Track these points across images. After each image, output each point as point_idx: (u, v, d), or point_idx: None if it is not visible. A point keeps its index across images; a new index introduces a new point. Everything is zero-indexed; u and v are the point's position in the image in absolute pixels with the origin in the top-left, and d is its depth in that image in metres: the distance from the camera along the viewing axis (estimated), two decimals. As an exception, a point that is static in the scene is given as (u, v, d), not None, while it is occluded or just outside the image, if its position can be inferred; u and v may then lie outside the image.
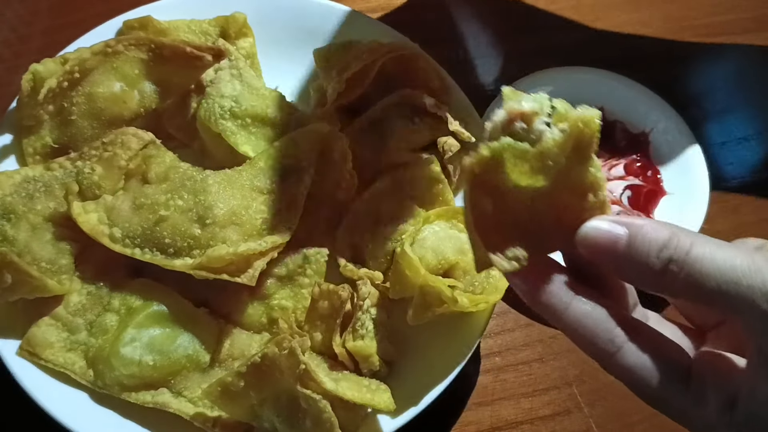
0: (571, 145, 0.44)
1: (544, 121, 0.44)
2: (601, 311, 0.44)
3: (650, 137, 0.91)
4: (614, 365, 0.44)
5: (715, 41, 1.03)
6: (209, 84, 0.76)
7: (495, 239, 0.45)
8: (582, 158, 0.45)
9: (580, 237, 0.45)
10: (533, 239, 0.45)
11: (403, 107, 0.79)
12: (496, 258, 0.45)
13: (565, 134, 0.43)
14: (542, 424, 0.76)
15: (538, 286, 0.45)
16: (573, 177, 0.45)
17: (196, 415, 0.65)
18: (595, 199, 0.46)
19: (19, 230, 0.67)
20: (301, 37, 0.87)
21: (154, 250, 0.67)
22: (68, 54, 0.76)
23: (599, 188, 0.45)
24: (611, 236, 0.44)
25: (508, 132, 0.44)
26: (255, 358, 0.60)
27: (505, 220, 0.45)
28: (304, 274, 0.72)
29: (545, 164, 0.44)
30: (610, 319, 0.44)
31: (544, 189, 0.45)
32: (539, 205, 0.45)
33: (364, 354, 0.67)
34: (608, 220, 0.44)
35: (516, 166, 0.44)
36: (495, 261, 0.45)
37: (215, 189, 0.69)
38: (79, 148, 0.74)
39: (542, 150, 0.43)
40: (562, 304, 0.45)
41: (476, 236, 0.45)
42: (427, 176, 0.75)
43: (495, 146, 0.43)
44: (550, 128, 0.44)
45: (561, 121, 0.44)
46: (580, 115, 0.43)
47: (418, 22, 1.02)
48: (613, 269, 0.45)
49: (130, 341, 0.65)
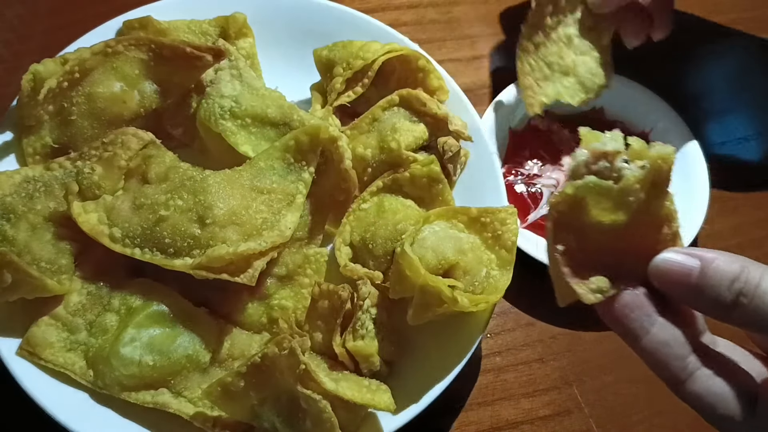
0: (650, 180, 0.47)
1: (623, 159, 0.47)
2: (676, 339, 0.48)
3: (650, 137, 0.91)
4: (684, 391, 0.47)
5: (715, 41, 1.03)
6: (209, 84, 0.76)
7: (578, 272, 0.48)
8: (659, 192, 0.48)
9: (654, 268, 0.48)
10: (613, 270, 0.49)
11: (402, 107, 0.80)
12: (582, 291, 0.48)
13: (646, 170, 0.47)
14: (542, 424, 0.76)
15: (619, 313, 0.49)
16: (650, 210, 0.48)
17: (196, 415, 0.65)
18: (668, 231, 0.49)
19: (19, 230, 0.67)
20: (301, 37, 0.87)
21: (154, 250, 0.67)
22: (68, 54, 0.76)
23: (673, 220, 0.49)
24: (684, 268, 0.47)
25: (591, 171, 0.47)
26: (255, 358, 0.60)
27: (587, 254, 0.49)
28: (304, 274, 0.72)
29: (626, 200, 0.47)
30: (684, 346, 0.47)
31: (623, 223, 0.48)
32: (618, 239, 0.49)
33: (364, 354, 0.67)
34: (681, 252, 0.48)
35: (598, 202, 0.47)
36: (580, 293, 0.48)
37: (215, 189, 0.69)
38: (79, 148, 0.74)
39: (624, 186, 0.47)
40: (642, 330, 0.48)
41: (561, 270, 0.48)
42: (427, 176, 0.75)
43: (579, 185, 0.47)
44: (629, 165, 0.47)
45: (637, 158, 0.47)
46: (658, 152, 0.47)
47: (418, 22, 1.02)
48: (684, 300, 0.48)
49: (130, 341, 0.65)
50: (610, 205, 0.47)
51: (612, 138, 0.47)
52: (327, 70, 0.82)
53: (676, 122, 0.90)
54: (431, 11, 1.04)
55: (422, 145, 0.79)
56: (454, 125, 0.77)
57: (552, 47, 0.82)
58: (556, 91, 0.83)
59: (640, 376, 0.79)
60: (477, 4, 1.05)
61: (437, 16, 1.03)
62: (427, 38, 1.00)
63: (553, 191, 0.86)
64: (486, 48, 1.01)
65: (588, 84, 0.83)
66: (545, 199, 0.86)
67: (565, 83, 0.83)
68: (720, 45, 1.04)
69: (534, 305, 0.82)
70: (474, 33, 1.02)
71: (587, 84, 0.82)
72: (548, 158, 0.89)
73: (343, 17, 0.88)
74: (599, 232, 0.48)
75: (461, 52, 1.00)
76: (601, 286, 0.48)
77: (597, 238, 0.49)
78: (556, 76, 0.83)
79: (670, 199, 0.49)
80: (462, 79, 0.94)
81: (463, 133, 0.78)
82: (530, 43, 0.81)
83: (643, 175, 0.47)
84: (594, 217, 0.48)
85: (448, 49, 1.00)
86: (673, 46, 0.88)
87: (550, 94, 0.83)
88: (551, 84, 0.83)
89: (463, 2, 1.05)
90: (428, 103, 0.78)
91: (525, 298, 0.82)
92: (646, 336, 0.48)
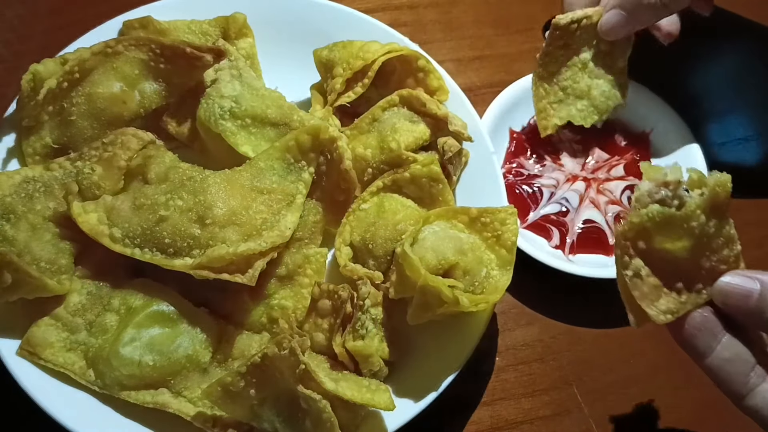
0: (710, 206, 0.51)
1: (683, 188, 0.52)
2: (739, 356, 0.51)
3: (650, 137, 0.91)
4: (743, 405, 0.51)
5: (715, 41, 1.03)
6: (209, 84, 0.76)
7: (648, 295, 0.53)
8: (719, 217, 0.52)
9: (716, 291, 0.52)
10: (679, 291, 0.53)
11: (402, 107, 0.80)
12: (653, 312, 0.52)
13: (705, 197, 0.51)
14: (542, 424, 0.76)
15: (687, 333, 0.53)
16: (711, 234, 0.52)
17: (196, 415, 0.65)
18: (729, 253, 0.53)
19: (19, 230, 0.67)
20: (301, 37, 0.87)
21: (154, 250, 0.67)
22: (68, 54, 0.76)
23: (734, 243, 0.53)
24: (744, 290, 0.50)
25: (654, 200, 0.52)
26: (255, 358, 0.60)
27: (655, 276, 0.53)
28: (304, 274, 0.72)
29: (688, 225, 0.51)
30: (746, 362, 0.51)
31: (687, 247, 0.52)
32: (682, 262, 0.53)
33: (364, 354, 0.67)
34: (742, 275, 0.51)
35: (662, 229, 0.52)
36: (651, 315, 0.52)
37: (215, 189, 0.69)
38: (79, 148, 0.74)
39: (686, 212, 0.51)
40: (708, 349, 0.52)
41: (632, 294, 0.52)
42: (427, 176, 0.75)
43: (645, 213, 0.51)
44: (689, 193, 0.52)
45: (696, 186, 0.52)
46: (716, 180, 0.51)
47: (418, 22, 1.02)
48: (746, 321, 0.51)
49: (129, 341, 0.65)
50: (674, 231, 0.52)
51: (672, 170, 0.52)
52: (327, 71, 0.82)
53: (676, 123, 0.90)
54: (431, 11, 1.04)
55: (422, 145, 0.79)
56: (454, 125, 0.77)
57: (566, 72, 0.84)
58: (569, 113, 0.85)
59: (640, 376, 0.79)
60: (477, 4, 1.05)
61: (437, 16, 1.03)
62: (427, 38, 1.00)
63: (553, 191, 0.86)
64: (486, 48, 1.01)
65: (602, 107, 0.85)
66: (545, 199, 0.86)
67: (579, 106, 0.85)
68: (720, 45, 1.03)
69: (534, 305, 0.82)
70: (474, 33, 1.02)
71: (601, 107, 0.85)
72: (548, 158, 0.89)
73: (343, 17, 0.88)
74: (663, 257, 0.52)
75: (461, 52, 1.00)
76: (671, 306, 0.52)
77: (663, 262, 0.52)
78: (570, 99, 0.85)
79: (730, 223, 0.53)
80: (462, 79, 0.94)
81: (463, 133, 0.78)
82: (545, 71, 0.83)
83: (703, 202, 0.51)
84: (659, 242, 0.52)
85: (448, 49, 1.00)
86: (673, 46, 0.88)
87: (563, 116, 0.85)
88: (565, 107, 0.85)
89: (463, 2, 1.05)
90: (428, 103, 0.78)
91: (525, 298, 0.82)
92: (711, 354, 0.51)
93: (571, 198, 0.85)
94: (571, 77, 0.84)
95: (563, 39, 0.82)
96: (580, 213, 0.85)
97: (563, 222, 0.84)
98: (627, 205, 0.86)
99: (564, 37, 0.81)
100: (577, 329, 0.81)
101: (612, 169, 0.88)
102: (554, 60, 0.83)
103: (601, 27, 0.81)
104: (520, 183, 0.86)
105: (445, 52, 0.99)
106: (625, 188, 0.87)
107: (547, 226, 0.84)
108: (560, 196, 0.86)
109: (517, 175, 0.87)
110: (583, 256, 0.83)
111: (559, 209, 0.85)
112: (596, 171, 0.88)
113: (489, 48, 1.01)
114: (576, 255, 0.83)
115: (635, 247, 0.52)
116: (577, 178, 0.87)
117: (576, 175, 0.87)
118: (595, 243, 0.83)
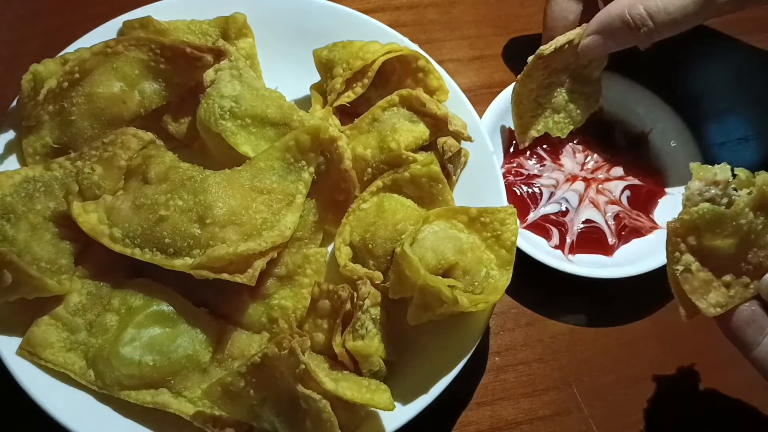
0: (757, 204, 0.55)
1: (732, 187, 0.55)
2: None
3: (650, 137, 0.91)
4: None
5: (715, 41, 1.03)
6: (209, 84, 0.76)
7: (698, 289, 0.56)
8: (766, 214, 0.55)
9: (764, 286, 0.54)
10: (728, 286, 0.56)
11: (402, 107, 0.80)
12: (703, 306, 0.55)
13: (753, 196, 0.54)
14: (542, 424, 0.76)
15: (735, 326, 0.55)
16: (758, 231, 0.55)
17: (196, 414, 0.65)
18: None
19: (19, 230, 0.67)
20: (301, 37, 0.87)
21: (154, 250, 0.67)
22: (68, 54, 0.76)
23: None
24: None
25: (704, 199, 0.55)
26: (255, 358, 0.60)
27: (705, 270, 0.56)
28: (304, 274, 0.72)
29: (737, 223, 0.54)
30: None
31: (735, 243, 0.55)
32: (731, 257, 0.56)
33: (364, 354, 0.67)
34: None
35: (712, 226, 0.55)
36: (702, 308, 0.55)
37: (215, 189, 0.69)
38: (79, 148, 0.74)
39: (736, 211, 0.54)
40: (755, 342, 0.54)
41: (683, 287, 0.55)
42: (426, 176, 0.75)
43: (694, 211, 0.54)
44: (737, 192, 0.55)
45: (744, 186, 0.55)
46: (764, 179, 0.55)
47: (418, 22, 1.02)
48: None
49: (130, 341, 0.65)
50: (723, 228, 0.54)
51: (721, 169, 0.55)
52: (327, 71, 0.82)
53: (675, 122, 0.90)
54: (431, 11, 1.04)
55: (422, 145, 0.79)
56: (453, 125, 0.77)
57: (544, 90, 0.86)
58: (546, 126, 0.87)
59: (640, 376, 0.79)
60: (477, 4, 1.05)
61: (437, 17, 1.03)
62: (427, 38, 1.00)
63: (552, 191, 0.86)
64: (486, 48, 1.01)
65: (578, 118, 0.87)
66: (545, 199, 0.86)
67: (556, 119, 0.87)
68: (720, 45, 1.03)
69: (534, 305, 0.82)
70: (474, 33, 1.02)
71: (576, 118, 0.87)
72: (548, 158, 0.89)
73: (343, 17, 0.88)
74: (713, 251, 0.55)
75: (461, 52, 1.00)
76: (720, 300, 0.55)
77: (712, 258, 0.55)
78: (547, 113, 0.87)
79: None
80: (462, 79, 0.94)
81: (462, 133, 0.78)
82: (524, 88, 0.84)
83: (751, 200, 0.54)
84: (708, 239, 0.55)
85: (448, 49, 1.00)
86: (673, 46, 0.88)
87: (540, 129, 0.87)
88: (542, 120, 0.87)
89: (463, 2, 1.05)
90: (428, 103, 0.78)
91: (524, 298, 0.82)
92: (758, 347, 0.54)
93: (571, 198, 0.86)
94: (548, 93, 0.86)
95: (545, 62, 0.83)
96: (580, 213, 0.85)
97: (563, 222, 0.84)
98: (627, 205, 0.86)
99: (546, 60, 0.82)
100: (577, 329, 0.81)
101: (611, 169, 0.89)
102: (533, 78, 0.84)
103: (581, 50, 0.82)
104: (519, 183, 0.86)
105: (445, 52, 0.99)
106: (625, 188, 0.87)
107: (546, 226, 0.84)
108: (560, 196, 0.86)
109: (517, 175, 0.87)
110: (582, 256, 0.83)
111: (559, 209, 0.85)
112: (596, 171, 0.88)
113: (489, 48, 1.01)
114: (576, 255, 0.83)
115: (686, 243, 0.55)
116: (576, 178, 0.87)
117: (576, 175, 0.88)
118: (594, 243, 0.83)
